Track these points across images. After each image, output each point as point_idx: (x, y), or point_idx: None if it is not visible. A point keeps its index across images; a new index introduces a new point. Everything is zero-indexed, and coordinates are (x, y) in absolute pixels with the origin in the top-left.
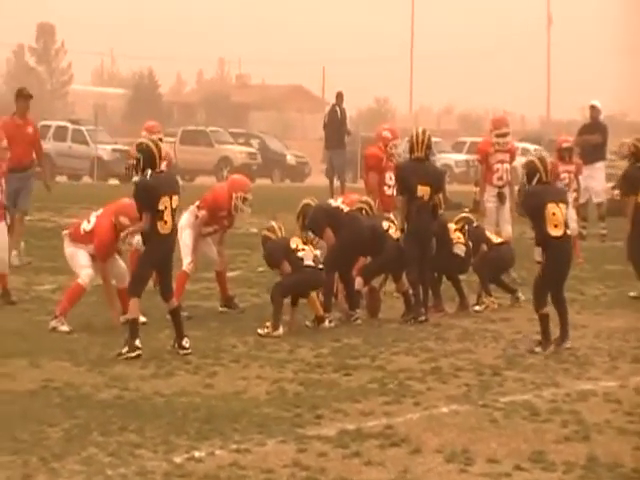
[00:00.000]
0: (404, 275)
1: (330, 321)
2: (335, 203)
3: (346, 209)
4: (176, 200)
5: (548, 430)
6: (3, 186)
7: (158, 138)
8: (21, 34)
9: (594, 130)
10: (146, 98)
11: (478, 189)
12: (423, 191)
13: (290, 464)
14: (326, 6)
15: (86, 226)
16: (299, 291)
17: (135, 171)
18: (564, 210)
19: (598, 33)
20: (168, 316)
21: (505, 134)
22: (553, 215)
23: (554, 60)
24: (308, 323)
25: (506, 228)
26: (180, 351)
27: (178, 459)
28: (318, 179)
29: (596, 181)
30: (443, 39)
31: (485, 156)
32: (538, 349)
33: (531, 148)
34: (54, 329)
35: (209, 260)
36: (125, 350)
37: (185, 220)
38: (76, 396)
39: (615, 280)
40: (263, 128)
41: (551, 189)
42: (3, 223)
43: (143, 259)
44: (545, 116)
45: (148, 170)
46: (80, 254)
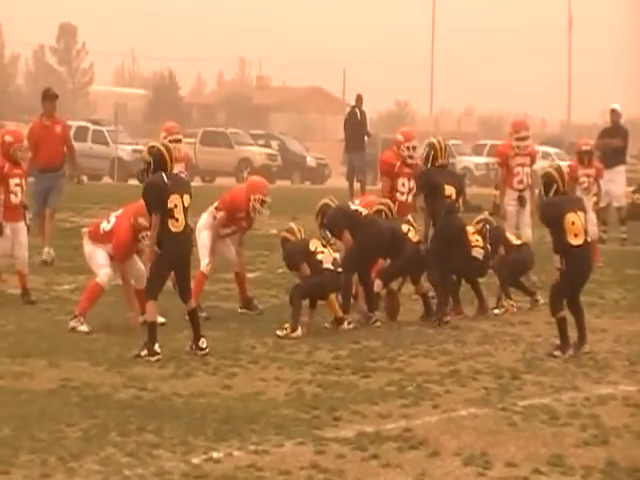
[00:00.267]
0: (423, 277)
1: (349, 323)
2: (354, 206)
3: (364, 212)
4: (187, 199)
5: (567, 434)
6: (24, 186)
7: (177, 139)
8: (42, 34)
9: (615, 134)
10: (166, 99)
11: (498, 192)
12: (450, 190)
13: (308, 466)
14: (347, 8)
15: (105, 226)
16: (318, 294)
17: (147, 175)
18: (583, 218)
19: (619, 36)
20: (187, 317)
21: (525, 137)
22: (573, 224)
23: (575, 63)
24: (327, 325)
25: (526, 231)
26: (198, 352)
27: (196, 460)
28: (338, 181)
29: (616, 185)
30: (464, 42)
31: (505, 159)
32: (557, 353)
33: (552, 151)
34: (73, 329)
35: (228, 261)
36: (144, 353)
37: (204, 221)
38: (94, 396)
39: (635, 284)
40: (283, 130)
41: (568, 199)
42: (22, 223)
43: (158, 260)
44: (566, 119)
45: (160, 173)
46: (99, 253)
